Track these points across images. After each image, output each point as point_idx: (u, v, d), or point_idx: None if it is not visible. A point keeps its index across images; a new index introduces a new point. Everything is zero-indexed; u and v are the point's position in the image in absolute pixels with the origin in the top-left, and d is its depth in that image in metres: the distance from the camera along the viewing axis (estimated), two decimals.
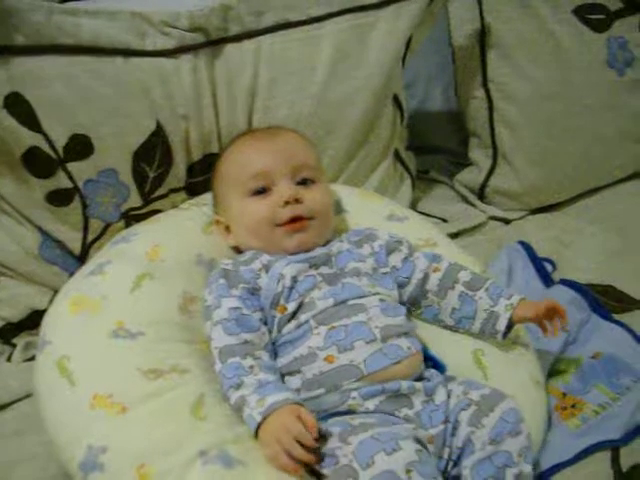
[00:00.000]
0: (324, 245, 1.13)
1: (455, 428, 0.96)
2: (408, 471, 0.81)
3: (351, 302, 1.02)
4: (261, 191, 1.11)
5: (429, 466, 0.86)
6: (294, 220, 1.09)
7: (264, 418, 0.88)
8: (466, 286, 1.11)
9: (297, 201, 1.09)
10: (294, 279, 1.04)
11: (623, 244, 1.52)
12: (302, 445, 0.86)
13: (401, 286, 1.13)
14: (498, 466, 0.92)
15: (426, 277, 1.13)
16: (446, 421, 0.96)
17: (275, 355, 1.01)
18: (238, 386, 0.92)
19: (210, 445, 0.88)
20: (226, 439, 0.90)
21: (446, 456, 0.95)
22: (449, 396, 0.98)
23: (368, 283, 1.06)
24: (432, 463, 0.89)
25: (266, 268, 1.06)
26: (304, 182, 1.13)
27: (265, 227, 1.09)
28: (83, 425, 0.90)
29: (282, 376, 0.98)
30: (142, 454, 0.87)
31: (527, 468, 0.93)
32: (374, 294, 1.04)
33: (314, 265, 1.07)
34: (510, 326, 1.08)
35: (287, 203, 1.08)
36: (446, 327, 1.14)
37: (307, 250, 1.10)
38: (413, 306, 1.14)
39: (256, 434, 0.89)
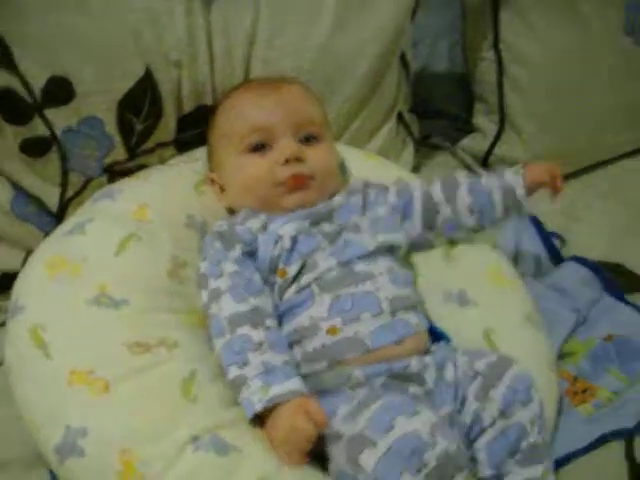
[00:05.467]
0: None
1: (462, 403, 0.91)
2: (432, 434, 0.76)
3: (357, 267, 0.95)
4: (259, 147, 1.03)
5: (451, 430, 0.83)
6: (294, 178, 1.02)
7: (265, 409, 0.82)
8: (469, 178, 1.09)
9: (298, 160, 1.02)
10: (294, 239, 0.97)
11: (633, 220, 1.46)
12: None
13: (408, 216, 1.08)
14: (512, 440, 0.87)
15: (427, 194, 1.08)
16: (455, 397, 0.91)
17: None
18: (243, 365, 0.85)
19: (202, 429, 0.81)
20: (219, 423, 0.83)
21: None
22: (454, 362, 0.94)
23: (370, 233, 1.00)
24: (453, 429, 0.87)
25: (264, 228, 0.98)
26: (307, 139, 1.05)
27: (263, 186, 1.02)
28: (60, 403, 0.82)
29: None
30: (126, 438, 0.79)
31: (540, 438, 0.89)
32: (378, 249, 0.98)
33: (314, 222, 1.00)
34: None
35: (287, 161, 1.01)
36: (472, 231, 1.10)
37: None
38: (431, 230, 1.09)
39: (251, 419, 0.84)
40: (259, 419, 0.84)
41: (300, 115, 1.05)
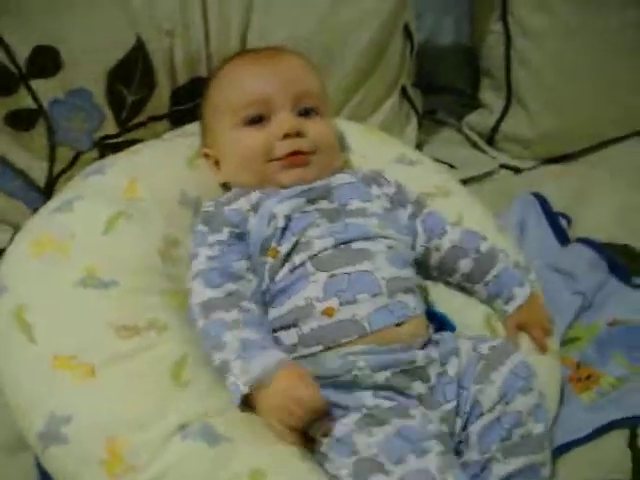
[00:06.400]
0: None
1: (467, 390, 0.89)
2: (442, 472, 0.76)
3: (355, 246, 0.91)
4: (256, 120, 0.99)
5: (457, 467, 0.81)
6: (293, 154, 0.97)
7: (251, 389, 0.78)
8: (464, 278, 1.03)
9: (298, 134, 0.98)
10: (288, 218, 0.93)
11: None
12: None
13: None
14: (506, 427, 0.86)
15: (428, 252, 1.04)
16: (459, 392, 0.88)
17: (268, 306, 0.90)
18: (220, 347, 0.81)
19: (191, 417, 0.79)
20: (210, 410, 0.80)
21: (458, 428, 0.87)
22: (458, 354, 0.91)
23: (377, 223, 0.95)
24: (457, 463, 0.84)
25: (255, 208, 0.94)
26: (306, 112, 1.01)
27: (258, 160, 0.98)
28: (44, 389, 0.80)
29: (275, 330, 0.88)
30: (112, 426, 0.77)
31: (538, 428, 0.87)
32: (383, 237, 0.94)
33: (311, 200, 0.96)
34: None
35: (286, 136, 0.97)
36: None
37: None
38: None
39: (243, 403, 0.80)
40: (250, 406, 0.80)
41: (299, 86, 1.00)
